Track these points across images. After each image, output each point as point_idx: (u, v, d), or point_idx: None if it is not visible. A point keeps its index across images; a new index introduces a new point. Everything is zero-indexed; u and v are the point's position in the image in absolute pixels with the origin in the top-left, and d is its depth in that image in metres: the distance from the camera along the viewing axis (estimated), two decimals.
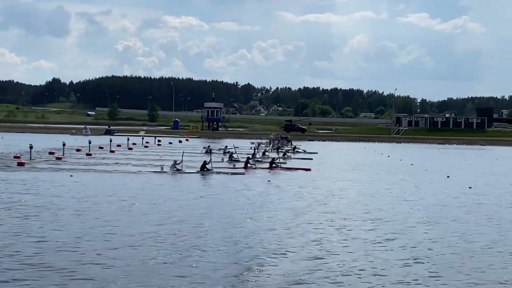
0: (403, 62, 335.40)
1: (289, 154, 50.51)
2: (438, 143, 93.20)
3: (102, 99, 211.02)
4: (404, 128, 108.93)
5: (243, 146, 58.43)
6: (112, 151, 49.88)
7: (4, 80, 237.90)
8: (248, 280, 11.91)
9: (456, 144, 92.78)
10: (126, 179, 29.79)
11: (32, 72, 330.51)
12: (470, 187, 30.12)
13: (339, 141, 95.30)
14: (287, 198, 24.28)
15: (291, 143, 78.85)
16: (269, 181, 30.20)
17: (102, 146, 53.56)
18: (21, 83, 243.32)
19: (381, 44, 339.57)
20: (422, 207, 22.69)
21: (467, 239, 16.60)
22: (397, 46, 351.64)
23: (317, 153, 55.32)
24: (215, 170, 32.55)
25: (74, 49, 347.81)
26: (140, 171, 33.21)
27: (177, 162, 31.96)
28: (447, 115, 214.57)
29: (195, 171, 32.31)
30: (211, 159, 33.46)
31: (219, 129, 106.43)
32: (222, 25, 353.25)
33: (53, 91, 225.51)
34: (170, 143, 71.61)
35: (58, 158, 39.50)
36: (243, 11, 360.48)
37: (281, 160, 41.62)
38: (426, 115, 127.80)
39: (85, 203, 21.00)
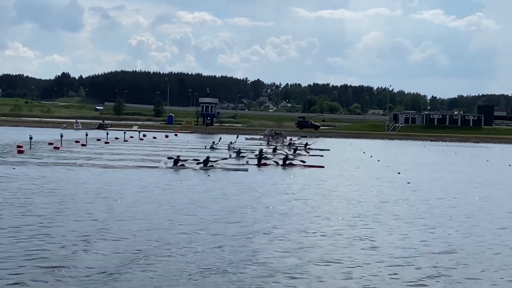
0: (416, 59, 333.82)
1: (301, 151, 49.71)
2: (431, 140, 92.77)
3: (111, 94, 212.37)
4: (400, 125, 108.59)
5: (239, 142, 58.25)
6: (83, 145, 50.42)
7: (14, 74, 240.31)
8: None
9: (449, 141, 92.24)
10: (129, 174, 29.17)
11: (45, 66, 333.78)
12: (408, 182, 30.03)
13: (332, 137, 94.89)
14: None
15: (286, 138, 79.15)
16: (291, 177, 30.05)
17: (78, 140, 54.15)
18: (31, 77, 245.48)
19: (395, 40, 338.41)
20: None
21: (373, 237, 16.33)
22: (411, 43, 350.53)
23: (329, 150, 54.11)
24: (220, 166, 32.24)
25: (88, 44, 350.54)
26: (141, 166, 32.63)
27: (181, 158, 31.97)
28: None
29: (197, 167, 31.70)
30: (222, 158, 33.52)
31: (214, 124, 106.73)
32: (235, 21, 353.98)
33: (63, 85, 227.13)
34: (154, 137, 72.17)
35: (20, 152, 39.56)
36: (256, 6, 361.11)
37: (297, 157, 41.17)
38: (423, 112, 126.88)
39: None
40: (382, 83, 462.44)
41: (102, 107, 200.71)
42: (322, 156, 46.42)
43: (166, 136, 76.25)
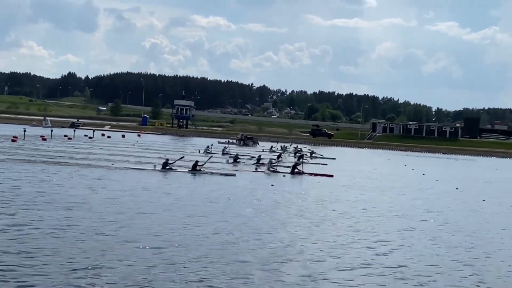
0: (430, 70, 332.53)
1: (306, 158, 49.61)
2: (401, 150, 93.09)
3: (116, 95, 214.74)
4: (378, 134, 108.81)
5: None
6: (44, 139, 52.13)
7: (22, 72, 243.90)
8: None
9: (419, 151, 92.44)
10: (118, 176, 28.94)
11: (58, 66, 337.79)
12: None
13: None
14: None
15: (258, 143, 79.79)
16: (272, 184, 29.42)
17: (44, 135, 55.61)
18: (38, 76, 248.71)
19: (408, 51, 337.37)
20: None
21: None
22: (425, 54, 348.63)
23: (334, 158, 54.39)
24: (207, 170, 32.08)
25: (101, 45, 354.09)
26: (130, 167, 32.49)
27: (169, 161, 31.93)
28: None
29: (186, 170, 31.77)
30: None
31: (189, 127, 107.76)
32: (249, 26, 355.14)
33: (68, 85, 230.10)
34: (123, 136, 73.82)
35: None
36: (271, 13, 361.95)
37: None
38: (400, 122, 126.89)
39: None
40: (394, 93, 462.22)
41: (105, 108, 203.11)
42: (326, 164, 45.90)
43: (138, 135, 78.60)
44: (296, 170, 35.60)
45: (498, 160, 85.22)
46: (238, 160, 41.22)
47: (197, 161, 32.37)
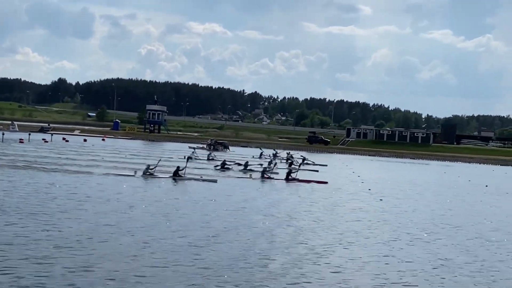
0: (424, 77, 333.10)
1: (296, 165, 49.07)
2: (369, 155, 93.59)
3: (106, 100, 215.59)
4: (350, 140, 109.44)
5: (181, 150, 59.67)
6: None
7: (11, 78, 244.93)
8: None
9: (388, 156, 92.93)
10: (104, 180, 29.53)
11: (53, 72, 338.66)
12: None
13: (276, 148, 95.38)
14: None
15: (229, 148, 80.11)
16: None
17: None
18: (29, 82, 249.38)
19: (403, 59, 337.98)
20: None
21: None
22: (419, 61, 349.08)
23: (326, 165, 54.25)
24: (189, 177, 32.18)
25: (98, 51, 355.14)
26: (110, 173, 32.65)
27: (151, 167, 32.07)
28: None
29: (167, 176, 31.84)
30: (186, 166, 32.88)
31: (162, 132, 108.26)
32: (245, 33, 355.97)
33: (59, 91, 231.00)
34: (85, 140, 74.46)
35: None
36: (267, 20, 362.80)
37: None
38: (373, 128, 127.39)
39: None
40: (389, 100, 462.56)
41: (95, 114, 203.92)
42: (317, 171, 45.59)
43: (103, 140, 79.39)
44: (290, 177, 35.66)
45: (462, 164, 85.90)
46: (225, 166, 41.13)
47: (178, 167, 32.44)
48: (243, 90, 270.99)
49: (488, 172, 71.08)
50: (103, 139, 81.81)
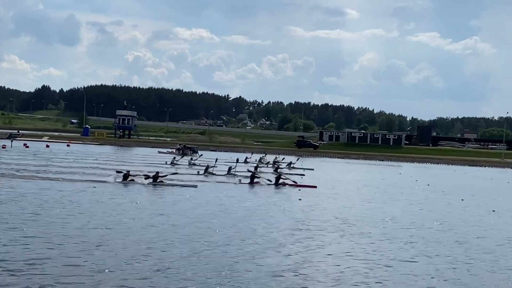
0: (411, 81, 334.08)
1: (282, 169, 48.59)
2: (338, 157, 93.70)
3: (90, 107, 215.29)
4: (323, 142, 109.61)
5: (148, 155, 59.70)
6: None
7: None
8: None
9: (356, 158, 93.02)
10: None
11: (40, 79, 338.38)
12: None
13: (243, 152, 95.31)
14: None
15: (197, 152, 79.86)
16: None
17: None
18: (12, 89, 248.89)
19: (390, 62, 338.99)
20: None
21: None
22: (406, 64, 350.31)
23: (313, 169, 53.64)
24: (169, 182, 31.84)
25: (84, 58, 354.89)
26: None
27: (130, 173, 31.65)
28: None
29: (146, 182, 31.32)
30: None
31: (132, 137, 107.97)
32: (232, 38, 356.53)
33: (42, 98, 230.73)
34: (47, 146, 74.20)
35: None
36: (254, 25, 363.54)
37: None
38: (345, 131, 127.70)
39: None
40: (377, 104, 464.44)
41: (78, 120, 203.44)
42: (304, 175, 44.81)
43: (68, 145, 79.20)
44: (280, 181, 35.12)
45: (427, 165, 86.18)
46: (209, 171, 40.69)
47: (157, 172, 32.21)
48: (227, 95, 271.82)
49: (448, 172, 71.25)
50: (68, 145, 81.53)
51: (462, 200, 34.16)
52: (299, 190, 33.48)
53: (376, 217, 23.83)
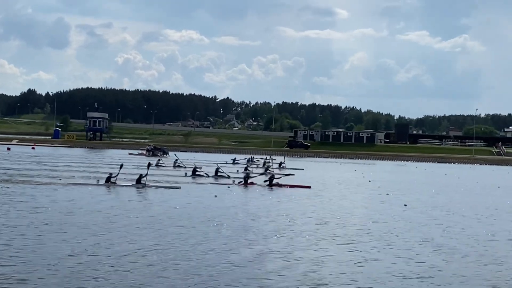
0: (402, 79, 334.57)
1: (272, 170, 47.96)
2: (308, 156, 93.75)
3: (75, 110, 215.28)
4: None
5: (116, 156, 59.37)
6: None
7: None
8: None
9: (326, 157, 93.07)
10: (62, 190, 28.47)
11: (30, 83, 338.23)
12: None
13: (214, 153, 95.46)
14: None
15: (168, 154, 79.70)
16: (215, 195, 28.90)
17: None
18: None
19: (380, 61, 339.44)
20: None
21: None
22: (396, 63, 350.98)
23: (303, 169, 53.10)
24: (151, 184, 31.61)
25: (74, 61, 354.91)
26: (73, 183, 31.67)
27: (113, 175, 31.20)
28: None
29: (130, 184, 31.17)
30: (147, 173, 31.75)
31: (104, 139, 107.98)
32: (222, 40, 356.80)
33: (28, 102, 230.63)
34: (8, 148, 74.15)
35: None
36: (243, 26, 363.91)
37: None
38: (319, 130, 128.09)
39: None
40: (367, 103, 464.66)
41: (62, 124, 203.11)
42: (293, 175, 43.68)
43: (33, 148, 79.11)
44: (273, 182, 34.49)
45: (395, 163, 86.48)
46: (196, 173, 40.25)
47: (141, 175, 31.76)
48: (215, 96, 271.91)
49: (408, 169, 71.31)
50: (33, 148, 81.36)
51: (387, 194, 34.09)
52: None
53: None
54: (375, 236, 18.58)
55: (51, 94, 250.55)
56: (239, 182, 34.92)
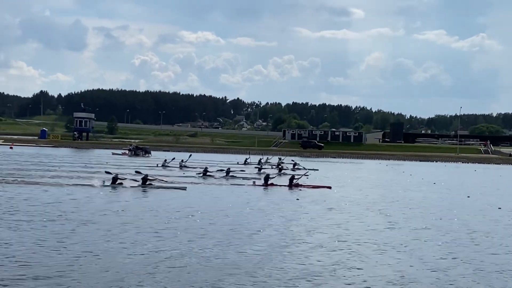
0: (419, 79, 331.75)
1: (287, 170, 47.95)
2: (291, 155, 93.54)
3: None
4: (284, 141, 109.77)
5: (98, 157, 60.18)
6: None
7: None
8: None
9: (308, 157, 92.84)
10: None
11: (48, 85, 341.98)
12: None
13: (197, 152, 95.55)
14: None
15: (150, 153, 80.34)
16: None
17: None
18: (11, 95, 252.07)
19: (397, 61, 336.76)
20: None
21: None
22: (414, 63, 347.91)
23: (318, 169, 51.44)
24: (158, 184, 30.83)
25: (91, 63, 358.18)
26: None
27: (119, 176, 30.95)
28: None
29: (136, 185, 30.23)
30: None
31: (90, 139, 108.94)
32: (238, 41, 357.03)
33: (39, 103, 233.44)
34: None
35: None
36: (259, 26, 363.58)
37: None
38: (307, 129, 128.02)
39: None
40: (383, 103, 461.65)
41: (68, 124, 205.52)
42: (308, 175, 41.06)
43: (11, 148, 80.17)
44: (293, 183, 33.50)
45: (377, 161, 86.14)
46: (207, 174, 39.60)
47: (147, 175, 31.36)
48: (225, 97, 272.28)
49: (381, 167, 71.04)
50: (11, 147, 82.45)
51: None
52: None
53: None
54: None
55: (63, 95, 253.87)
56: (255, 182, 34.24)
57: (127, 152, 78.49)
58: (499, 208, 27.35)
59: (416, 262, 14.17)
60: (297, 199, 27.81)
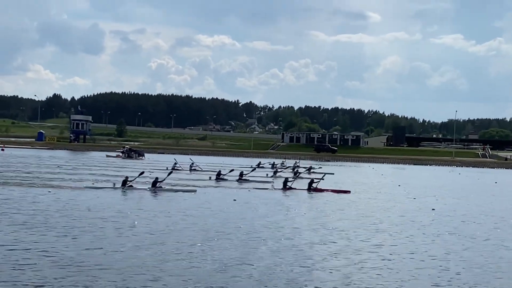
0: (435, 83, 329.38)
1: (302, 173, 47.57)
2: (287, 158, 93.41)
3: (98, 115, 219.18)
4: (281, 144, 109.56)
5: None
6: None
7: (8, 95, 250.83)
8: None
9: (302, 159, 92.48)
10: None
11: (65, 88, 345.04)
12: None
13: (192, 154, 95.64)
14: None
15: (144, 156, 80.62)
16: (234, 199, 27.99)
17: None
18: (25, 98, 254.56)
19: (413, 65, 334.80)
20: None
21: None
22: (430, 67, 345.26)
23: (333, 173, 51.07)
24: (167, 187, 31.13)
25: (108, 67, 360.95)
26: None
27: (129, 179, 31.30)
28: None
29: (146, 187, 30.76)
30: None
31: (87, 141, 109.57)
32: (254, 44, 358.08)
33: (53, 106, 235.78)
34: None
35: None
36: (275, 30, 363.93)
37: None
38: (305, 132, 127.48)
39: None
40: (398, 107, 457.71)
41: None
42: (323, 179, 39.64)
43: (2, 150, 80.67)
44: (312, 187, 33.72)
45: (370, 164, 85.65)
46: (221, 176, 39.97)
47: (157, 178, 31.54)
48: (237, 101, 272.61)
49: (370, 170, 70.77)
50: (2, 149, 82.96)
51: None
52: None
53: None
54: None
55: (76, 99, 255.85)
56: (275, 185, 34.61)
57: (120, 154, 78.69)
58: (433, 209, 27.24)
59: None
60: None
